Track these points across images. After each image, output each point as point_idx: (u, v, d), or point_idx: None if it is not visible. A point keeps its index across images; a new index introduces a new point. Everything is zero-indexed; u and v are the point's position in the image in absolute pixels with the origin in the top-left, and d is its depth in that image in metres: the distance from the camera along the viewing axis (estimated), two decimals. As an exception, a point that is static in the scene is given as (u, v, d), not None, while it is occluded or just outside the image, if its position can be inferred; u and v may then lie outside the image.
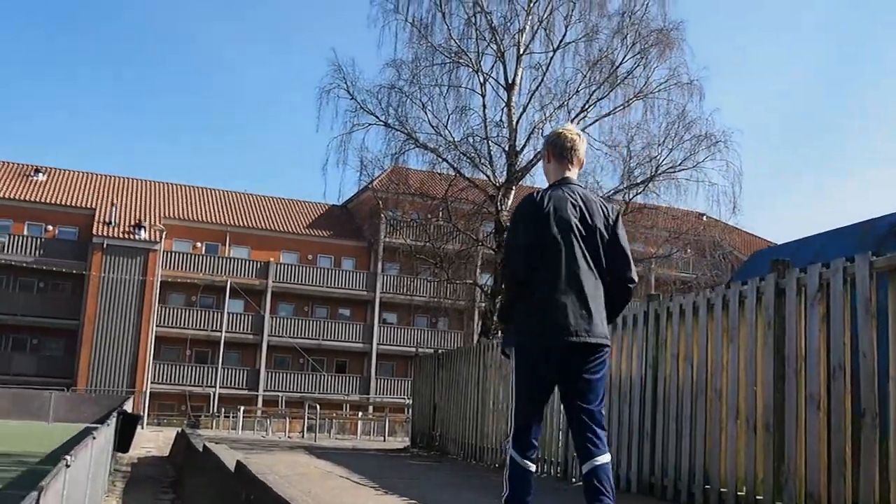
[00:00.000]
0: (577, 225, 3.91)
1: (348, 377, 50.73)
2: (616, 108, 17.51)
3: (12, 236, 45.01)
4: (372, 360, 50.90)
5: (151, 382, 43.43)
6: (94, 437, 8.27)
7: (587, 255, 3.91)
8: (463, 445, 11.88)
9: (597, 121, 17.69)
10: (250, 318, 48.96)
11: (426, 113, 17.42)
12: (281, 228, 52.53)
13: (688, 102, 16.97)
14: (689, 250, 18.99)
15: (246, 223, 51.95)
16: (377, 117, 17.68)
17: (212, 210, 52.56)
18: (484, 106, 17.46)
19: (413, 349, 49.65)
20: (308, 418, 26.35)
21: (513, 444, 3.90)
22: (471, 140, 17.17)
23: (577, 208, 3.95)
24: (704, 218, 23.47)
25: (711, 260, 19.92)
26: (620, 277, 4.04)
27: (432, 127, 17.37)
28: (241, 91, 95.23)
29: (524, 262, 3.92)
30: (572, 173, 4.11)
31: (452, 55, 17.65)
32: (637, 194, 16.53)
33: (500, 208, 16.78)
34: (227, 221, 51.51)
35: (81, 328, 44.61)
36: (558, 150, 4.17)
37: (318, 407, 19.90)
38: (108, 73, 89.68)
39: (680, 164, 16.47)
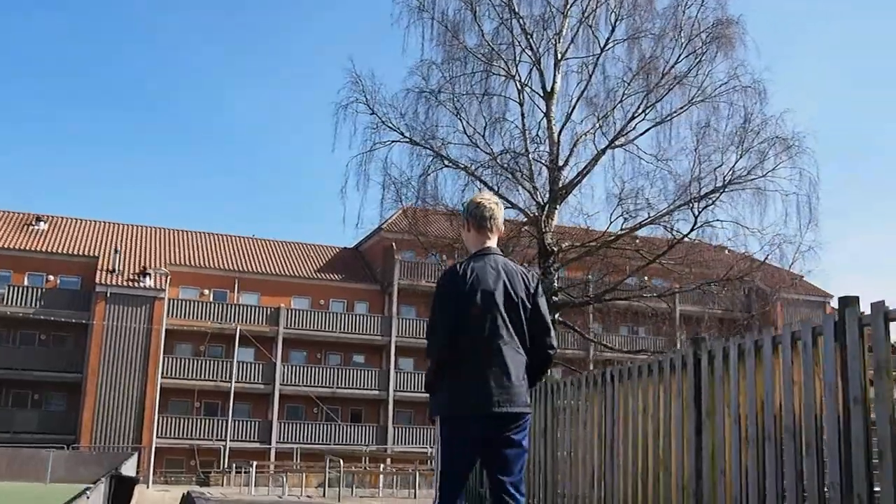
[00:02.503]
0: (499, 297, 4.02)
1: (364, 426, 48.41)
2: (672, 113, 15.52)
3: (12, 287, 43.23)
4: (389, 407, 48.60)
5: (158, 437, 41.07)
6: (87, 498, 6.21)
7: (509, 326, 4.03)
8: (528, 496, 9.74)
9: (651, 128, 15.72)
10: (261, 366, 46.83)
11: (460, 121, 15.48)
12: (291, 273, 50.60)
13: (755, 104, 14.99)
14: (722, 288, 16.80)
15: (254, 268, 50.07)
16: (401, 133, 15.74)
17: (219, 256, 50.71)
18: (523, 115, 15.53)
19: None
20: (327, 472, 24.39)
21: None
22: (509, 154, 15.18)
23: (500, 280, 4.06)
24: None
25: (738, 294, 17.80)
26: (541, 346, 4.16)
27: (468, 136, 15.39)
28: (242, 134, 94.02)
29: (445, 341, 4.01)
30: (492, 242, 4.21)
31: (485, 59, 15.74)
32: (705, 207, 14.49)
33: (543, 230, 14.75)
34: (235, 267, 49.63)
35: (84, 381, 42.53)
36: (477, 221, 4.25)
37: (340, 462, 17.64)
38: (109, 116, 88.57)
39: (748, 174, 14.47)
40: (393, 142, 15.72)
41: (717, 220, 14.57)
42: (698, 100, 15.21)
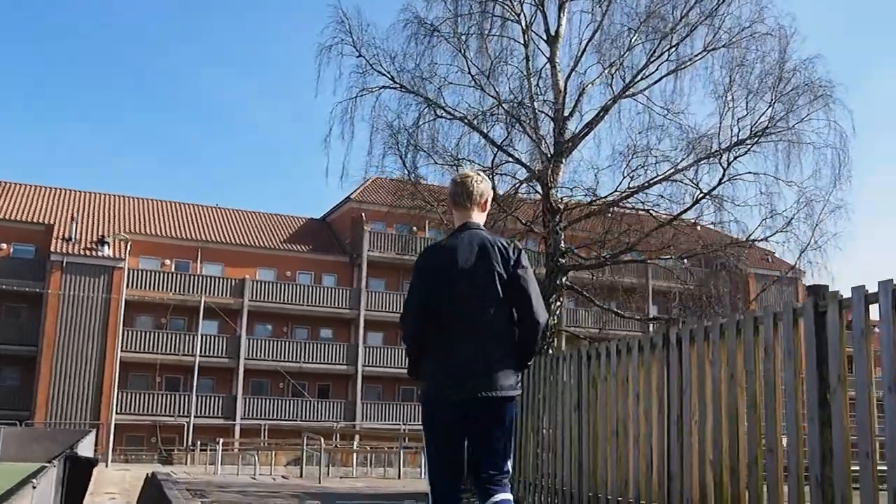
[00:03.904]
0: (474, 272, 3.91)
1: (332, 402, 47.10)
2: (689, 59, 14.14)
3: (-38, 256, 41.04)
4: (357, 383, 47.27)
5: (117, 413, 39.23)
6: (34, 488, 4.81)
7: (486, 303, 3.90)
8: (551, 492, 8.43)
9: (665, 77, 14.31)
10: (225, 340, 45.17)
11: (464, 58, 13.94)
12: (257, 243, 48.86)
13: (781, 49, 13.64)
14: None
15: (219, 238, 48.27)
16: (391, 78, 14.19)
17: (181, 225, 48.76)
18: (528, 58, 14.06)
19: (404, 370, 47.23)
20: (297, 449, 23.09)
21: None
22: (513, 100, 13.72)
23: (473, 254, 3.95)
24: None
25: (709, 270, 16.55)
26: (524, 320, 3.98)
27: (471, 77, 13.87)
28: (209, 103, 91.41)
29: (415, 321, 3.98)
30: (475, 216, 4.10)
31: (483, -5, 14.22)
32: (735, 158, 13.18)
33: (549, 185, 13.35)
34: (199, 237, 47.78)
35: (39, 354, 40.56)
36: (453, 198, 4.20)
37: (321, 440, 16.21)
38: (67, 81, 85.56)
39: (775, 124, 13.17)
40: (382, 87, 14.21)
41: (749, 172, 13.35)
42: (719, 45, 13.90)
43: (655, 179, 14.02)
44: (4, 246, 43.11)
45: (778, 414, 5.22)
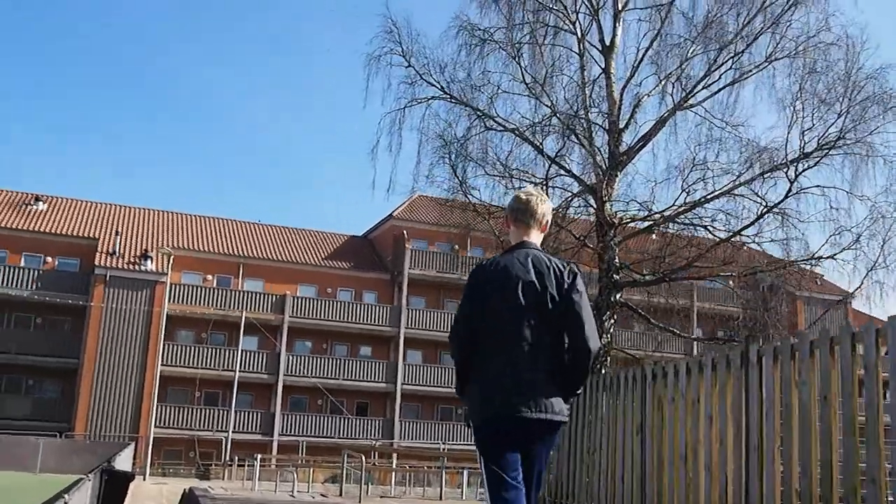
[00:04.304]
0: (524, 292, 3.79)
1: (370, 420, 46.65)
2: (756, 67, 13.57)
3: (8, 268, 41.44)
4: (396, 401, 46.80)
5: (156, 427, 39.23)
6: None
7: (537, 325, 3.77)
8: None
9: (724, 88, 13.79)
10: (265, 356, 45.01)
11: (519, 66, 13.52)
12: (297, 260, 48.76)
13: (849, 58, 13.02)
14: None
15: (260, 254, 48.25)
16: (441, 88, 13.82)
17: (223, 241, 48.87)
18: (583, 69, 13.62)
19: (442, 388, 46.67)
20: (335, 466, 22.65)
21: None
22: (568, 111, 13.27)
23: (528, 273, 3.83)
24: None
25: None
26: (575, 347, 3.80)
27: (526, 86, 13.44)
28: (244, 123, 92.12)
29: (464, 339, 3.87)
30: (532, 237, 4.02)
31: (541, 5, 13.81)
32: (804, 171, 12.58)
33: (604, 199, 12.86)
34: (240, 252, 47.82)
35: (81, 367, 40.72)
36: (514, 215, 4.08)
37: (363, 458, 15.78)
38: (110, 97, 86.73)
39: (843, 137, 12.54)
40: (431, 98, 13.86)
41: (817, 185, 12.74)
42: (782, 55, 13.34)
43: (713, 194, 13.49)
44: (50, 259, 43.52)
45: (880, 440, 4.70)
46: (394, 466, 27.12)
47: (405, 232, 48.72)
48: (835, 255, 12.80)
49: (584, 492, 8.69)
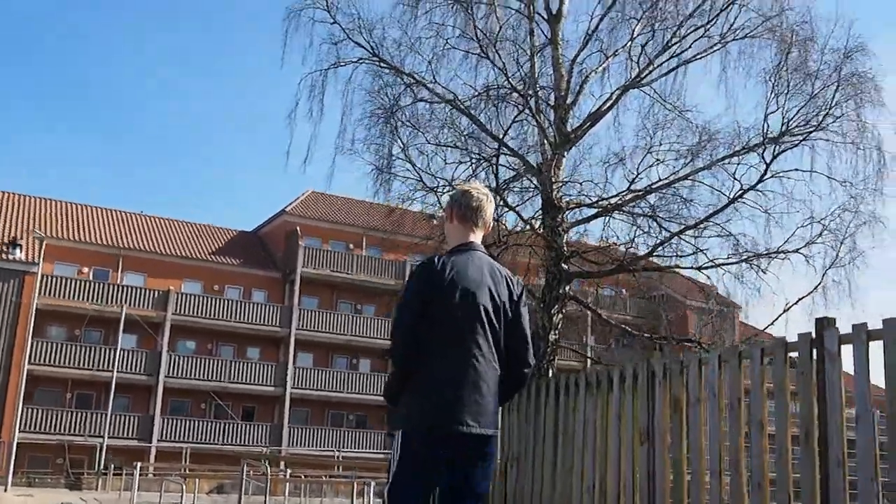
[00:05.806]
0: (482, 300, 3.60)
1: (257, 425, 44.36)
2: (712, 46, 12.55)
3: None
4: (285, 405, 44.65)
5: (21, 431, 35.99)
6: None
7: (488, 334, 3.61)
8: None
9: (678, 67, 12.71)
10: (145, 355, 42.03)
11: (472, 18, 12.02)
12: (183, 253, 45.97)
13: (814, 40, 12.14)
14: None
15: (142, 246, 45.22)
16: (370, 50, 12.23)
17: (100, 231, 45.59)
18: (532, 33, 12.27)
19: (333, 393, 44.87)
20: (220, 475, 20.85)
21: None
22: (519, 80, 11.90)
23: (484, 281, 3.66)
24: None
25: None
26: (519, 360, 3.70)
27: (477, 43, 11.96)
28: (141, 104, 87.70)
29: (408, 343, 3.60)
30: (477, 237, 3.82)
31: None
32: (781, 152, 11.59)
33: (552, 179, 11.53)
34: (119, 244, 44.63)
35: (-64, 364, 37.01)
36: (462, 211, 3.85)
37: (267, 467, 13.98)
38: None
39: (807, 123, 11.64)
40: (359, 59, 12.27)
41: (795, 169, 11.79)
42: (738, 37, 12.37)
43: (659, 183, 12.37)
44: None
45: None
46: (287, 477, 25.16)
47: (298, 228, 46.73)
48: (798, 249, 11.93)
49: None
